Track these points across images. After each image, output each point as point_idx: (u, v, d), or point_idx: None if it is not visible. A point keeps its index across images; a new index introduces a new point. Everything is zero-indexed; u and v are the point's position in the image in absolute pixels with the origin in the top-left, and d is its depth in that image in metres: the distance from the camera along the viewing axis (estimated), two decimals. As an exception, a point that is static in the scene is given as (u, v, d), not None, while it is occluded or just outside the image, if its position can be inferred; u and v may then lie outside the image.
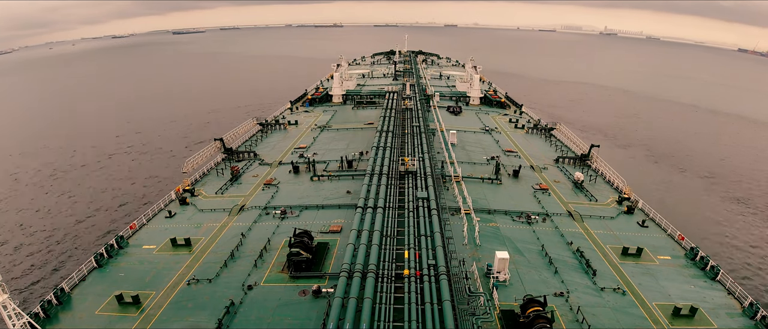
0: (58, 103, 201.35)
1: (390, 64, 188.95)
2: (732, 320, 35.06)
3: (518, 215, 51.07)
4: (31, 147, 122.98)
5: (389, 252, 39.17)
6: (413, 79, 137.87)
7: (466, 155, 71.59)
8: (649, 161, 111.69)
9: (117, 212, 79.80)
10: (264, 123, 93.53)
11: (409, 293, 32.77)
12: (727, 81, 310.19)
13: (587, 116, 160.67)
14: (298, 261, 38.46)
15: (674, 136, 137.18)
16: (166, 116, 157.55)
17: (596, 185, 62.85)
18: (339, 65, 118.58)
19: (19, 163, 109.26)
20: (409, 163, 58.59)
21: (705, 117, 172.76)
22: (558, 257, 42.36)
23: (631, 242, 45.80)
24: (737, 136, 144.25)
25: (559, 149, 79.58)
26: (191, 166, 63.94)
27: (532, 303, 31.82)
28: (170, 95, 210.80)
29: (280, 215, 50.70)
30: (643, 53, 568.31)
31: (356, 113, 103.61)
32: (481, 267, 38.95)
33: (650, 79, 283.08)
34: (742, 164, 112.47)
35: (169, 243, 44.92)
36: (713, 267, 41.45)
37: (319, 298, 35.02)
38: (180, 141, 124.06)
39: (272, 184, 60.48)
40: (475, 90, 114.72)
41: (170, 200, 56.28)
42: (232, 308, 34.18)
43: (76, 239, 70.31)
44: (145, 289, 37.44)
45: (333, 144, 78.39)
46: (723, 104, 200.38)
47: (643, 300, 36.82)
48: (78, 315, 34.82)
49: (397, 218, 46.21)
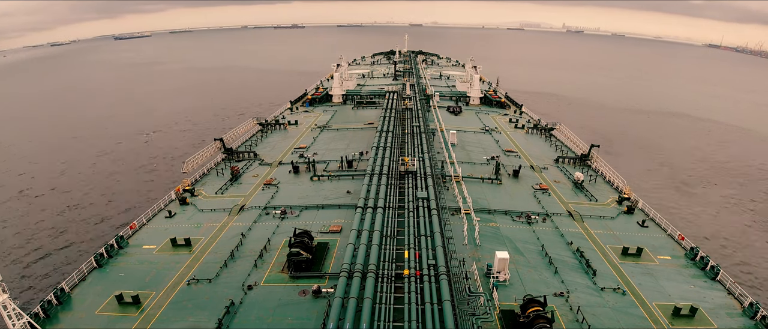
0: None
1: (390, 64, 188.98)
2: (732, 320, 35.04)
3: (518, 215, 51.07)
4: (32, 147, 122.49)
5: (389, 252, 39.15)
6: (413, 79, 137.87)
7: (466, 155, 71.59)
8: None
9: (117, 212, 79.74)
10: (264, 123, 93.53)
11: (409, 293, 32.77)
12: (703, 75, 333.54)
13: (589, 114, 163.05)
14: (298, 261, 38.45)
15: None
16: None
17: (596, 185, 62.85)
18: (339, 65, 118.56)
19: (20, 162, 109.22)
20: (409, 163, 58.58)
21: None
22: (558, 257, 42.36)
23: (631, 242, 45.79)
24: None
25: (559, 149, 79.58)
26: (191, 166, 63.93)
27: (532, 303, 31.81)
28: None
29: (280, 215, 50.69)
30: (610, 50, 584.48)
31: (356, 113, 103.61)
32: (481, 267, 38.94)
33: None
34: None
35: (169, 243, 44.90)
36: (713, 267, 41.44)
37: (319, 298, 35.01)
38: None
39: (272, 184, 60.47)
40: (475, 90, 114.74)
41: (170, 200, 56.26)
42: (232, 308, 34.17)
43: (76, 240, 70.25)
44: (145, 289, 37.42)
45: (333, 144, 78.39)
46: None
47: (643, 300, 36.81)
48: (78, 315, 34.81)
49: (397, 218, 46.20)
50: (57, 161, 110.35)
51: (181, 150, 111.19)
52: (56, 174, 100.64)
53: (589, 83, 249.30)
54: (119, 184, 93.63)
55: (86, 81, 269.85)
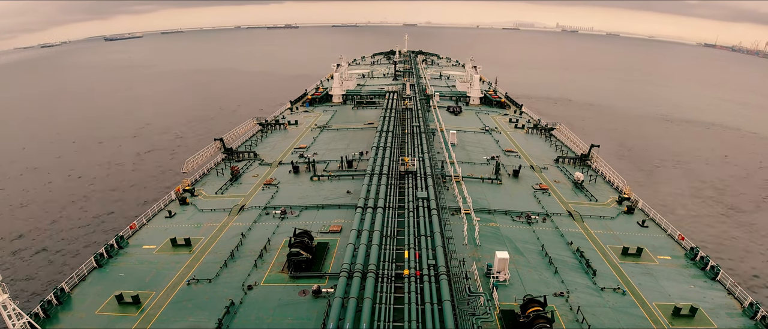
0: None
1: (390, 64, 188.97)
2: (732, 320, 35.05)
3: (518, 215, 51.07)
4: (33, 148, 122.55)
5: (389, 251, 39.14)
6: (413, 79, 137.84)
7: (466, 155, 71.58)
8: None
9: (117, 212, 79.75)
10: (264, 123, 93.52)
11: (409, 293, 32.75)
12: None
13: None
14: (298, 261, 38.45)
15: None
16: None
17: (596, 185, 62.85)
18: (339, 65, 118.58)
19: (20, 163, 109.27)
20: (409, 163, 58.58)
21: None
22: (558, 257, 42.36)
23: (631, 242, 45.79)
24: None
25: (559, 149, 79.58)
26: (191, 166, 63.94)
27: (532, 303, 31.81)
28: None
29: (280, 215, 50.69)
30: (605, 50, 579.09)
31: (356, 113, 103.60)
32: (481, 267, 38.94)
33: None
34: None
35: (169, 243, 44.90)
36: (713, 267, 41.44)
37: (319, 298, 35.00)
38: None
39: (272, 184, 60.47)
40: (475, 90, 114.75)
41: (170, 200, 56.27)
42: (232, 308, 34.17)
43: (76, 240, 70.28)
44: (145, 289, 37.42)
45: (333, 144, 78.39)
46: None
47: (643, 300, 36.81)
48: (78, 315, 34.81)
49: (397, 218, 46.19)
50: (57, 160, 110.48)
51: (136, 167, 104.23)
52: (56, 174, 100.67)
53: (606, 88, 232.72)
54: (119, 184, 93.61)
55: (60, 90, 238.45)
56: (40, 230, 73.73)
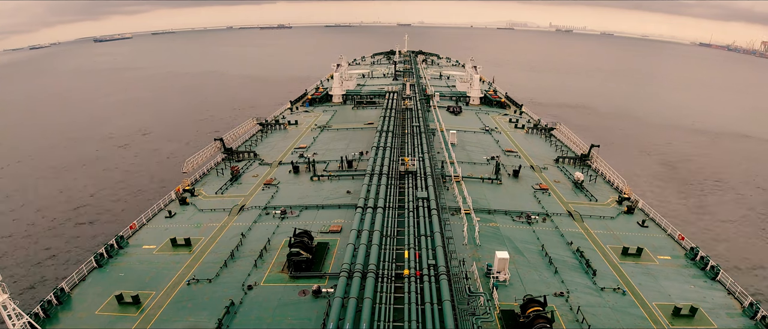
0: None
1: (390, 64, 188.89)
2: (732, 320, 35.07)
3: (518, 215, 51.07)
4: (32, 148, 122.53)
5: (389, 251, 39.13)
6: (413, 79, 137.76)
7: (466, 155, 71.57)
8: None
9: (117, 212, 79.76)
10: (264, 123, 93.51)
11: (409, 293, 32.75)
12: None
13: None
14: (298, 260, 38.44)
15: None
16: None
17: (596, 185, 62.86)
18: (339, 65, 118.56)
19: (20, 164, 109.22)
20: (409, 163, 58.57)
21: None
22: (558, 257, 42.36)
23: (631, 242, 45.79)
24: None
25: (559, 149, 79.58)
26: (191, 166, 63.94)
27: (532, 303, 31.83)
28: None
29: (280, 215, 50.69)
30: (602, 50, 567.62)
31: (356, 113, 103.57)
32: (481, 267, 38.94)
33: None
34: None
35: (169, 243, 44.89)
36: (713, 267, 41.45)
37: (319, 298, 35.01)
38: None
39: (272, 184, 60.47)
40: (475, 90, 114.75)
41: (170, 200, 56.25)
42: (232, 308, 34.17)
43: (76, 240, 70.29)
44: (145, 289, 37.42)
45: (333, 144, 78.38)
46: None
47: (643, 300, 36.82)
48: (78, 315, 34.82)
49: (397, 218, 46.18)
50: (57, 161, 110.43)
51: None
52: (56, 175, 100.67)
53: (623, 95, 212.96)
54: (119, 184, 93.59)
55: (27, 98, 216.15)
56: (40, 230, 73.75)
